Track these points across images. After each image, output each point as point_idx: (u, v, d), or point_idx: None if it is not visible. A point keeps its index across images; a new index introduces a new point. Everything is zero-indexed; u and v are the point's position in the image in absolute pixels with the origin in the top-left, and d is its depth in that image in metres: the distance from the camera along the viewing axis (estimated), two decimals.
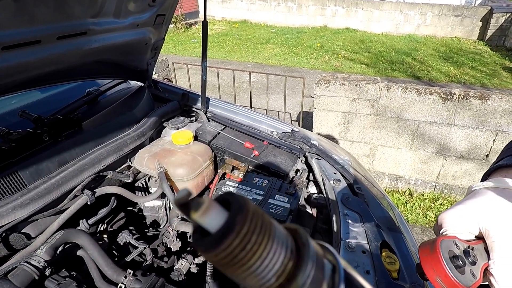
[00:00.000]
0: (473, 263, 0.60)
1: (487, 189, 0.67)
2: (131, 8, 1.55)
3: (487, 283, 0.63)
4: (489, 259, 0.61)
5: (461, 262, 0.58)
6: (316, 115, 3.88)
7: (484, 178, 0.73)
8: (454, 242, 0.61)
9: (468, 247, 0.62)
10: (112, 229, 1.73)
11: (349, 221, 1.39)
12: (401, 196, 3.87)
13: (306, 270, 0.28)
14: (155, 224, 1.72)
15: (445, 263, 0.57)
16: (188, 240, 1.65)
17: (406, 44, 10.14)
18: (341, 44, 10.15)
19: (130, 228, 1.67)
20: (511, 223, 0.61)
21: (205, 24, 1.87)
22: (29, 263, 1.12)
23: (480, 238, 0.65)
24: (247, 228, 0.25)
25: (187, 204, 0.26)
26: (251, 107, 4.55)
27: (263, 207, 1.46)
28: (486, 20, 9.93)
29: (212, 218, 0.26)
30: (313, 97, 3.85)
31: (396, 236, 1.37)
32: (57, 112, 1.70)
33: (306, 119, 5.19)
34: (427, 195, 3.86)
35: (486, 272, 0.62)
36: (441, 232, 0.67)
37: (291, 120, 5.46)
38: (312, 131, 3.76)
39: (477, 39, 10.27)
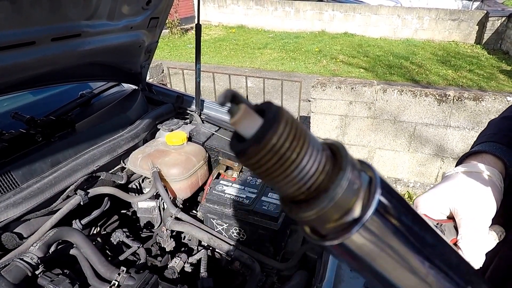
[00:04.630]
0: None
1: (458, 173, 0.71)
2: (125, 11, 1.57)
3: None
4: (457, 235, 0.65)
5: None
6: (313, 118, 3.89)
7: (458, 164, 0.76)
8: None
9: (437, 224, 0.66)
10: (105, 231, 1.74)
11: None
12: None
13: (346, 169, 0.28)
14: (149, 225, 1.73)
15: None
16: (182, 241, 1.65)
17: (404, 48, 10.18)
18: (339, 48, 10.19)
19: (124, 230, 1.67)
20: (478, 203, 0.66)
21: (198, 27, 1.89)
22: (22, 259, 1.13)
23: (451, 218, 0.69)
24: (284, 128, 0.26)
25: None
26: None
27: (256, 204, 1.46)
28: (482, 24, 9.97)
29: (248, 124, 0.26)
30: (310, 101, 3.87)
31: None
32: (50, 114, 1.71)
33: (304, 124, 5.18)
34: None
35: (455, 246, 0.66)
36: None
37: None
38: None
39: (474, 43, 10.30)
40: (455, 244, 0.66)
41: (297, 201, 0.29)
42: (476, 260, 0.64)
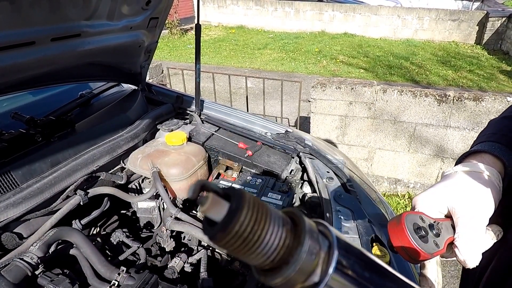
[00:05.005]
0: (437, 235, 0.65)
1: (456, 172, 0.71)
2: (125, 11, 1.58)
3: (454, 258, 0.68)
4: (455, 233, 0.66)
5: (424, 233, 0.63)
6: (313, 119, 3.89)
7: (457, 164, 0.77)
8: (420, 217, 0.65)
9: (434, 222, 0.66)
10: (105, 232, 1.74)
11: (341, 217, 1.40)
12: (400, 200, 3.87)
13: (303, 242, 0.31)
14: (149, 225, 1.73)
15: (408, 232, 0.61)
16: (182, 241, 1.65)
17: (404, 48, 10.18)
18: (339, 49, 10.20)
19: (124, 230, 1.67)
20: (476, 202, 0.66)
21: (198, 27, 1.90)
22: (22, 259, 1.13)
23: (449, 216, 0.69)
24: (246, 215, 0.29)
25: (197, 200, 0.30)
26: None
27: None
28: (482, 24, 9.98)
29: (216, 211, 0.30)
30: (310, 101, 3.87)
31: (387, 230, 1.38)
32: (50, 114, 1.72)
33: (304, 124, 5.20)
34: None
35: (452, 245, 0.66)
36: None
37: (289, 126, 5.47)
38: None
39: (474, 43, 10.30)
40: (452, 242, 0.66)
41: (265, 269, 0.33)
42: (473, 259, 0.64)
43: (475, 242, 0.64)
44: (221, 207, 0.30)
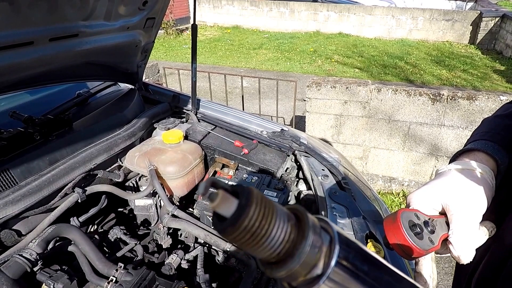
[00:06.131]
0: (432, 232, 0.66)
1: (450, 170, 0.73)
2: (122, 11, 1.59)
3: (448, 254, 0.69)
4: (449, 230, 0.67)
5: (419, 230, 0.64)
6: (308, 118, 3.92)
7: (451, 162, 0.78)
8: (415, 214, 0.67)
9: (429, 219, 0.67)
10: (102, 229, 1.76)
11: (336, 214, 1.43)
12: (395, 198, 3.90)
13: (307, 236, 0.33)
14: (146, 223, 1.74)
15: (404, 229, 0.63)
16: (179, 238, 1.67)
17: (399, 48, 10.25)
18: (334, 48, 10.24)
19: (121, 227, 1.69)
20: (469, 199, 0.67)
21: (194, 27, 1.91)
22: (21, 255, 1.15)
23: (443, 213, 0.70)
24: (254, 210, 0.31)
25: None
26: None
27: None
28: (476, 24, 10.06)
29: (226, 207, 0.31)
30: (305, 101, 3.90)
31: (382, 227, 1.41)
32: (48, 113, 1.73)
33: (299, 123, 5.22)
34: None
35: (446, 242, 0.68)
36: None
37: (285, 125, 5.48)
38: None
39: (468, 43, 10.39)
40: (446, 239, 0.68)
41: (271, 262, 0.35)
42: (466, 255, 0.66)
43: (468, 238, 0.66)
44: (230, 203, 0.31)
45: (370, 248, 1.25)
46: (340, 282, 0.35)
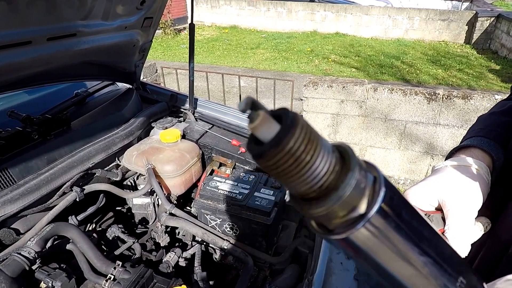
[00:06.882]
0: None
1: (446, 167, 0.73)
2: (119, 11, 1.60)
3: None
4: (445, 225, 0.68)
5: None
6: (305, 117, 3.93)
7: (447, 158, 0.79)
8: None
9: (425, 214, 0.68)
10: (100, 228, 1.77)
11: None
12: None
13: (353, 169, 0.30)
14: (144, 221, 1.75)
15: None
16: (177, 236, 1.68)
17: (395, 48, 10.28)
18: (331, 48, 10.26)
19: (119, 226, 1.70)
20: (465, 195, 0.68)
21: (191, 26, 1.92)
22: (20, 253, 1.15)
23: (439, 209, 0.71)
24: (300, 133, 0.28)
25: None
26: None
27: (249, 199, 1.50)
28: (471, 24, 10.11)
29: (266, 129, 0.28)
30: (302, 100, 3.92)
31: None
32: (46, 113, 1.73)
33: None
34: None
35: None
36: None
37: None
38: None
39: (463, 43, 10.44)
40: (442, 234, 0.68)
41: (308, 198, 0.31)
42: (462, 249, 0.67)
43: (464, 233, 0.67)
44: (272, 125, 0.28)
45: None
46: (381, 229, 0.32)
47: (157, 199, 1.67)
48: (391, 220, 0.33)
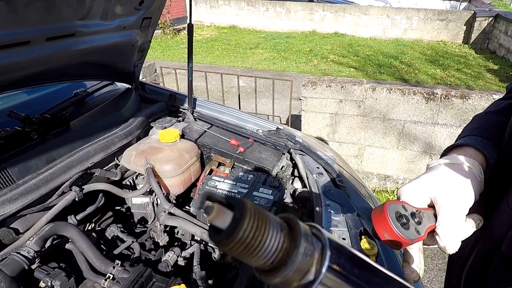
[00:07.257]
0: (419, 223, 0.68)
1: (440, 165, 0.75)
2: (118, 11, 1.60)
3: (435, 245, 0.72)
4: (436, 222, 0.69)
5: (405, 220, 0.66)
6: (304, 117, 3.95)
7: (442, 157, 0.80)
8: (402, 206, 0.69)
9: (416, 211, 0.70)
10: (99, 228, 1.77)
11: (331, 211, 1.45)
12: (389, 196, 3.94)
13: (299, 245, 0.35)
14: (143, 221, 1.76)
15: (390, 219, 0.65)
16: (176, 235, 1.69)
17: (394, 47, 10.30)
18: (329, 48, 10.28)
19: (118, 225, 1.70)
20: (457, 192, 0.70)
21: (190, 26, 1.93)
22: (19, 253, 1.16)
23: (431, 206, 0.73)
24: (248, 223, 0.33)
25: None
26: None
27: (248, 199, 1.50)
28: (470, 24, 10.14)
29: (221, 219, 0.33)
30: (301, 100, 3.92)
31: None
32: (45, 112, 1.74)
33: (295, 122, 5.25)
34: None
35: (433, 233, 0.70)
36: None
37: (281, 124, 5.50)
38: None
39: (462, 43, 10.46)
40: (434, 230, 0.70)
41: (266, 270, 0.36)
42: (452, 246, 0.68)
43: (455, 230, 0.68)
44: (225, 215, 0.33)
45: (364, 245, 1.27)
46: (332, 286, 0.36)
47: (156, 198, 1.67)
48: (340, 277, 0.37)
